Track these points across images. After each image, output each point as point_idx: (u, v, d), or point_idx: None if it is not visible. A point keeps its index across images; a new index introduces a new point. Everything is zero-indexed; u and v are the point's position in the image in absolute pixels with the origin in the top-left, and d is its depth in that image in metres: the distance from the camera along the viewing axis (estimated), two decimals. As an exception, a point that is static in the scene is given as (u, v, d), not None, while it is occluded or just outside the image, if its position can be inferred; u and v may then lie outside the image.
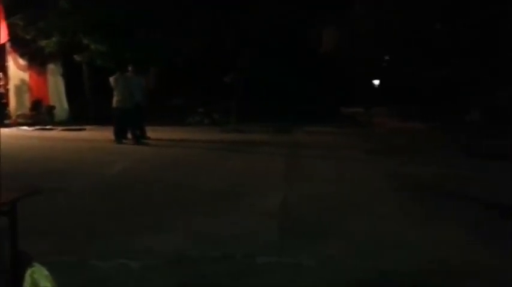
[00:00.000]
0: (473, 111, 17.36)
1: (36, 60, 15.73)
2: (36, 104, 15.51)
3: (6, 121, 13.88)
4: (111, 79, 10.99)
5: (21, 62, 15.41)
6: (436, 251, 3.73)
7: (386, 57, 22.65)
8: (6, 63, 14.81)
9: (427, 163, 8.06)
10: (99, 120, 13.95)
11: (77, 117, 15.35)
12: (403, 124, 16.20)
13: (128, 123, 10.90)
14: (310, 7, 18.11)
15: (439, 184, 6.48)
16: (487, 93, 17.57)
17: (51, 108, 15.81)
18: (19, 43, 14.94)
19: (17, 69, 15.25)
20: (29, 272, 2.16)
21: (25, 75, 15.57)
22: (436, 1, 17.41)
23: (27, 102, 15.48)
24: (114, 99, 10.91)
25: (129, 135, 10.90)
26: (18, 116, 14.78)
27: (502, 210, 5.04)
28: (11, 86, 15.00)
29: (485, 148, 9.97)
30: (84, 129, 13.54)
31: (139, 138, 10.98)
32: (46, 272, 2.23)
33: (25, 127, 13.83)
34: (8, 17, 12.44)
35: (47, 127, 13.84)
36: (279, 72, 18.39)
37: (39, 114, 15.20)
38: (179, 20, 16.18)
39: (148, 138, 11.42)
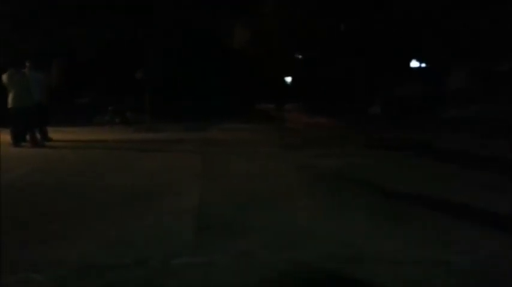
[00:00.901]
0: (375, 105, 18.78)
1: None
2: None
3: None
4: (4, 76, 10.01)
5: None
6: (348, 240, 3.94)
7: (297, 55, 23.55)
8: None
9: (335, 155, 8.50)
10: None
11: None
12: (313, 119, 16.94)
13: (26, 124, 10.00)
14: (221, 2, 18.11)
15: (347, 174, 6.85)
16: (387, 88, 19.10)
17: None
18: None
19: None
20: None
21: None
22: (341, 1, 18.46)
23: None
24: (10, 98, 9.94)
25: (28, 138, 10.02)
26: None
27: (400, 198, 5.48)
28: None
29: (385, 140, 10.82)
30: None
31: (40, 141, 10.14)
32: None
33: None
34: None
35: None
36: (193, 69, 18.19)
37: None
38: (77, 9, 15.18)
39: (51, 139, 10.61)
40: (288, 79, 24.63)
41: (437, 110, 16.69)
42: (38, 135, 10.33)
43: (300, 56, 23.44)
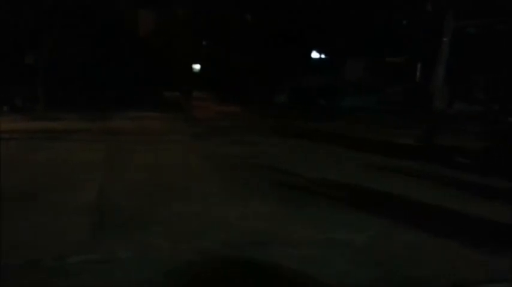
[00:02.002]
0: (281, 94, 19.43)
1: None
2: None
3: None
4: None
5: None
6: (251, 225, 4.09)
7: (205, 43, 23.37)
8: None
9: (243, 143, 8.68)
10: None
11: None
12: (222, 108, 17.02)
13: None
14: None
15: (253, 161, 7.04)
16: (292, 78, 19.81)
17: None
18: None
19: None
20: None
21: None
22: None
23: None
24: None
25: None
26: None
27: (306, 183, 5.79)
28: None
29: (289, 128, 11.31)
30: None
31: None
32: None
33: None
34: None
35: None
36: (97, 57, 17.11)
37: None
38: None
39: None
40: (197, 67, 24.36)
41: (336, 99, 17.81)
42: None
43: (208, 45, 23.31)
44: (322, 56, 21.93)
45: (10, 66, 15.02)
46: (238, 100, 17.86)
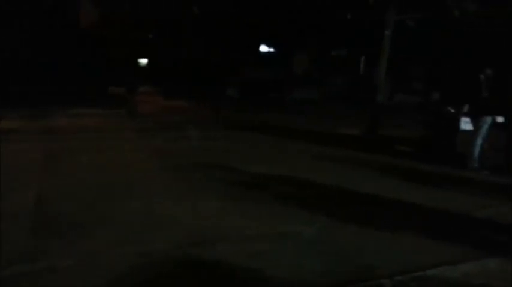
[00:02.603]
0: (232, 88, 19.35)
1: None
2: None
3: None
4: None
5: None
6: (199, 223, 4.02)
7: (151, 36, 22.75)
8: None
9: (192, 138, 8.55)
10: None
11: None
12: (171, 102, 16.68)
13: None
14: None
15: (202, 157, 6.95)
16: (242, 71, 19.76)
17: None
18: None
19: None
20: None
21: None
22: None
23: None
24: None
25: None
26: None
27: (256, 178, 5.78)
28: None
29: (239, 121, 11.27)
30: None
31: None
32: None
33: None
34: None
35: None
36: (35, 50, 16.13)
37: None
38: None
39: None
40: (144, 61, 23.68)
41: (284, 92, 18.01)
42: None
43: (155, 38, 22.70)
44: (271, 49, 22.08)
45: None
46: (187, 94, 17.57)
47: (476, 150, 6.57)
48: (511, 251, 3.63)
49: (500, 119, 6.72)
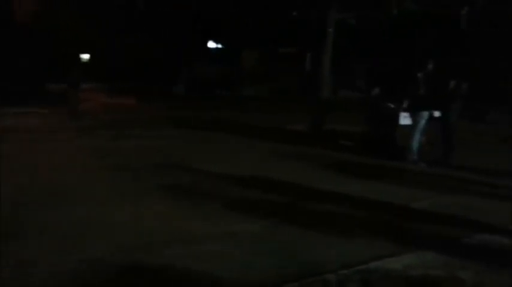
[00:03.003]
0: (178, 84, 19.02)
1: None
2: None
3: None
4: None
5: None
6: (146, 226, 3.89)
7: (93, 30, 21.80)
8: None
9: (136, 137, 8.29)
10: None
11: None
12: (115, 100, 16.11)
13: None
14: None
15: (147, 157, 6.75)
16: (189, 68, 19.47)
17: None
18: None
19: None
20: None
21: None
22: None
23: None
24: None
25: None
26: None
27: (203, 177, 5.69)
28: None
29: (186, 119, 11.06)
30: None
31: None
32: None
33: None
34: None
35: None
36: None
37: None
38: None
39: None
40: (86, 57, 22.64)
41: (233, 89, 17.97)
42: None
43: (99, 33, 21.78)
44: (219, 45, 21.93)
45: None
46: (132, 91, 17.03)
47: (415, 143, 6.89)
48: (444, 242, 3.84)
49: (436, 114, 7.10)
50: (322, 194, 5.08)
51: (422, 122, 6.86)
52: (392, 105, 7.42)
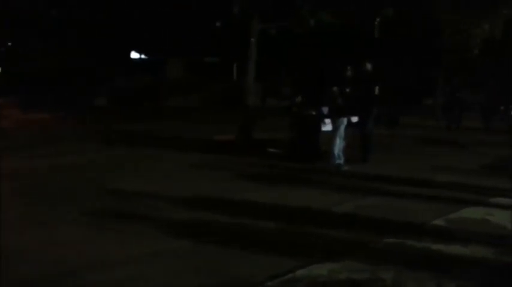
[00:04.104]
0: (100, 96, 18.17)
1: None
2: None
3: None
4: None
5: None
6: (59, 253, 3.59)
7: (9, 43, 20.30)
8: None
9: (51, 155, 7.73)
10: None
11: None
12: (30, 115, 14.97)
13: None
14: None
15: (64, 176, 6.31)
16: (111, 79, 18.73)
17: None
18: None
19: None
20: None
21: None
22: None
23: None
24: None
25: None
26: None
27: (123, 198, 5.40)
28: None
29: (107, 133, 10.46)
30: None
31: None
32: None
33: None
34: None
35: None
36: None
37: None
38: None
39: None
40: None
41: (159, 99, 17.57)
42: None
43: (12, 44, 20.27)
44: (143, 56, 21.38)
45: None
46: (49, 106, 15.94)
47: (336, 148, 7.17)
48: (366, 244, 3.98)
49: (354, 119, 7.46)
50: (246, 205, 5.03)
51: (342, 127, 7.17)
52: (313, 113, 7.67)
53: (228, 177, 6.42)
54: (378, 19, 14.02)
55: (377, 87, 7.50)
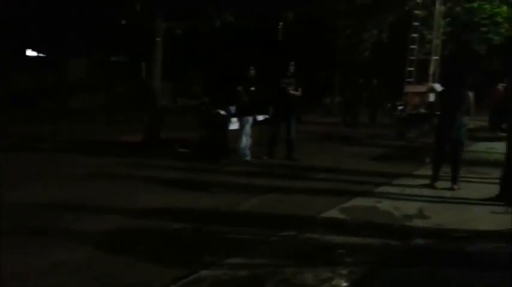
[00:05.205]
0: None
1: None
2: None
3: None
4: None
5: None
6: None
7: None
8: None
9: None
10: None
11: None
12: None
13: None
14: None
15: None
16: (4, 78, 17.10)
17: None
18: None
19: None
20: None
21: None
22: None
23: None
24: None
25: None
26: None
27: (15, 208, 4.95)
28: None
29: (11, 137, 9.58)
30: None
31: None
32: None
33: None
34: None
35: None
36: None
37: None
38: None
39: None
40: None
41: (61, 100, 16.48)
42: None
43: None
44: (41, 54, 19.83)
45: None
46: None
47: (242, 146, 7.39)
48: (269, 240, 4.11)
49: (260, 118, 7.75)
50: (151, 209, 4.91)
51: (248, 126, 7.40)
52: (221, 112, 7.80)
53: (134, 179, 6.22)
54: (281, 23, 14.68)
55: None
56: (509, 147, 5.25)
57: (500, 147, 6.59)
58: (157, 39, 9.16)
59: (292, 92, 7.64)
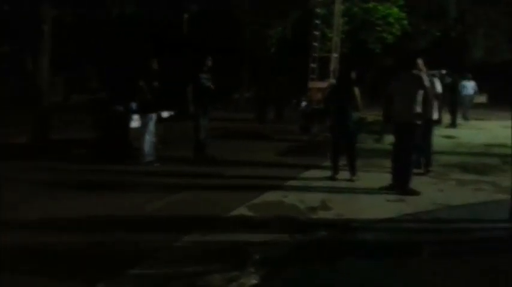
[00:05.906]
0: None
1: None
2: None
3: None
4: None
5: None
6: None
7: None
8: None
9: None
10: None
11: None
12: None
13: None
14: None
15: None
16: None
17: None
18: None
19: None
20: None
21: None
22: None
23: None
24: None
25: None
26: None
27: None
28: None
29: None
30: None
31: None
32: None
33: None
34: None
35: None
36: None
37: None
38: None
39: None
40: None
41: None
42: None
43: None
44: None
45: None
46: None
47: (146, 144, 6.83)
48: (176, 243, 3.81)
49: (165, 114, 7.25)
50: (45, 218, 4.35)
51: (151, 123, 6.86)
52: (121, 108, 7.17)
53: (24, 186, 5.46)
54: (185, 15, 14.12)
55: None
56: (396, 139, 5.58)
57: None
58: (45, 27, 8.15)
59: (212, 87, 7.22)
